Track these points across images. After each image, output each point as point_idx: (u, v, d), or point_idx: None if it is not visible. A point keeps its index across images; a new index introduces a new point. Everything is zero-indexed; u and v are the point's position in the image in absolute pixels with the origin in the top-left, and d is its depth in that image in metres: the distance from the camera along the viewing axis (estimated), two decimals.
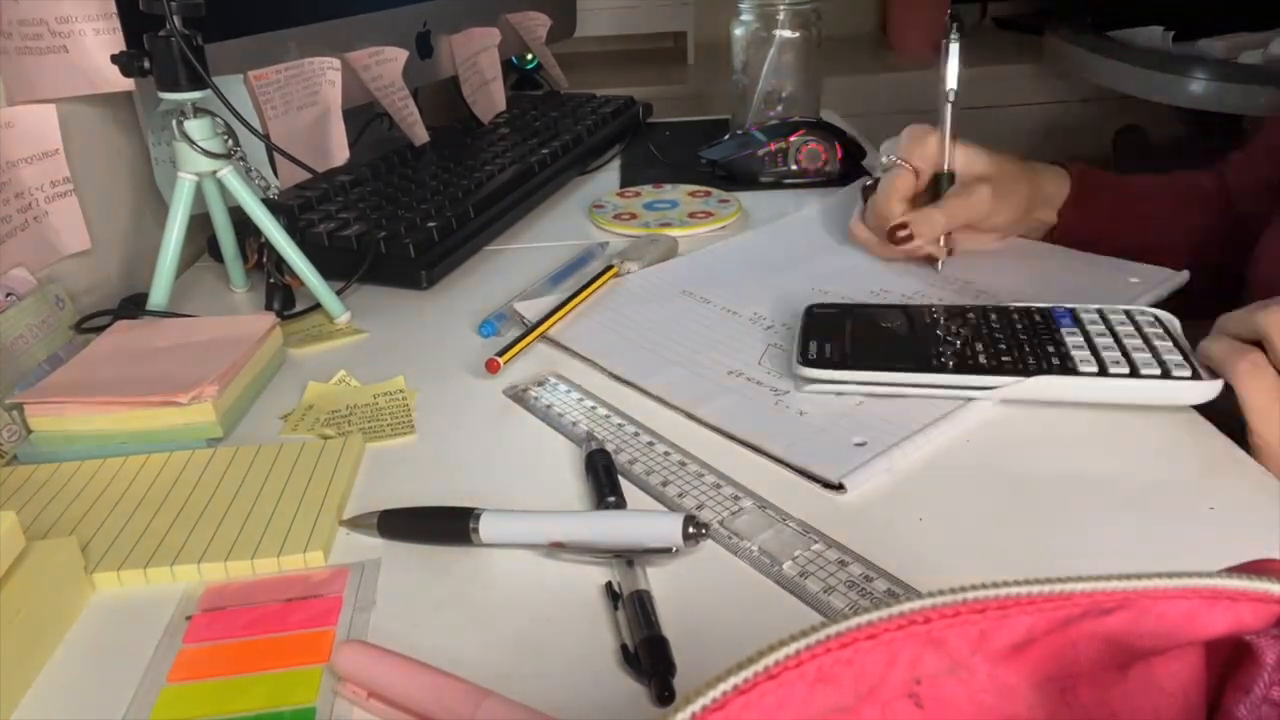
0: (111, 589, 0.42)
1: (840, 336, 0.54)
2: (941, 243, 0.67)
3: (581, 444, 0.49)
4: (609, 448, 0.49)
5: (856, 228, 0.71)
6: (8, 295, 0.59)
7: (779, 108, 1.03)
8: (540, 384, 0.56)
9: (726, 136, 0.96)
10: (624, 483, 0.46)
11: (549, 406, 0.53)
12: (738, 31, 1.03)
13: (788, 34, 1.00)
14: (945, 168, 0.67)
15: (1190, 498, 0.44)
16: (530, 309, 0.63)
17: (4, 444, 0.51)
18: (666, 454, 0.49)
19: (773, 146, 0.91)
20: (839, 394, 0.52)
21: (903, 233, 0.64)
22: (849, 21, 2.03)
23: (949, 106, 0.67)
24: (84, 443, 0.51)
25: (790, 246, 0.74)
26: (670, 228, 0.79)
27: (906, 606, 0.20)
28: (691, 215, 0.82)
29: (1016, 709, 0.22)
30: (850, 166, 0.91)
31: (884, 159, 0.68)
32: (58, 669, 0.38)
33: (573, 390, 0.55)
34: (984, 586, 0.21)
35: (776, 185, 0.91)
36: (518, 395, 0.55)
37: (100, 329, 0.61)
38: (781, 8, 0.99)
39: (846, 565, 0.40)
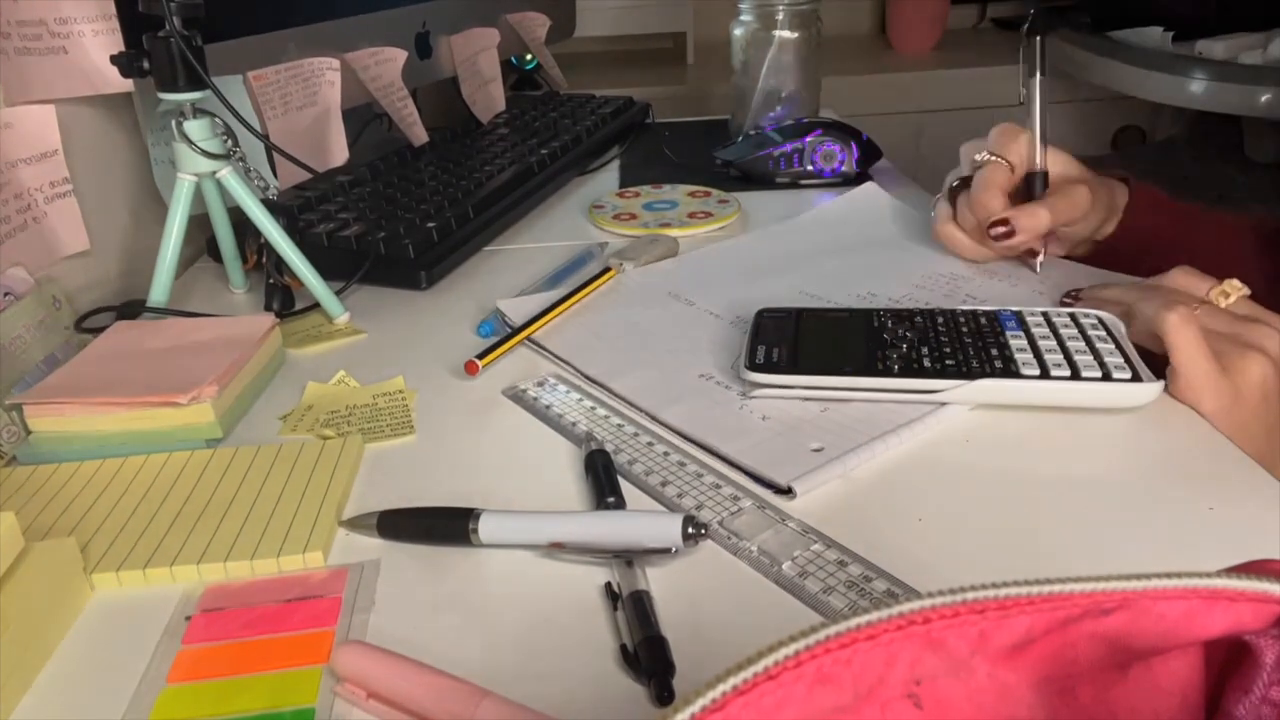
0: (110, 589, 0.42)
1: (788, 341, 0.54)
2: (1041, 244, 0.65)
3: (581, 444, 0.49)
4: (608, 448, 0.49)
5: (947, 228, 0.68)
6: (5, 295, 0.59)
7: (779, 108, 1.03)
8: (540, 384, 0.56)
9: (741, 137, 0.96)
10: (623, 483, 0.46)
11: (548, 407, 0.53)
12: (737, 31, 1.03)
13: (787, 34, 1.00)
14: (1039, 166, 0.65)
15: (1190, 498, 0.44)
16: (514, 307, 0.64)
17: (3, 444, 0.51)
18: (666, 454, 0.48)
19: (788, 147, 0.90)
20: (785, 399, 0.52)
21: (1003, 229, 0.62)
22: (849, 21, 2.03)
23: (1038, 102, 0.66)
24: (83, 443, 0.51)
25: (784, 250, 0.74)
26: (670, 228, 0.79)
27: (906, 607, 0.20)
28: (691, 215, 0.82)
29: (1016, 709, 0.22)
30: (865, 167, 0.91)
31: (976, 157, 0.66)
32: (57, 670, 0.38)
33: (572, 390, 0.55)
34: (983, 587, 0.21)
35: (792, 186, 0.90)
36: (517, 395, 0.55)
37: (101, 329, 0.61)
38: (781, 8, 0.99)
39: (846, 565, 0.40)
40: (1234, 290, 0.54)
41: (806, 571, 0.40)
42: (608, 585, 0.39)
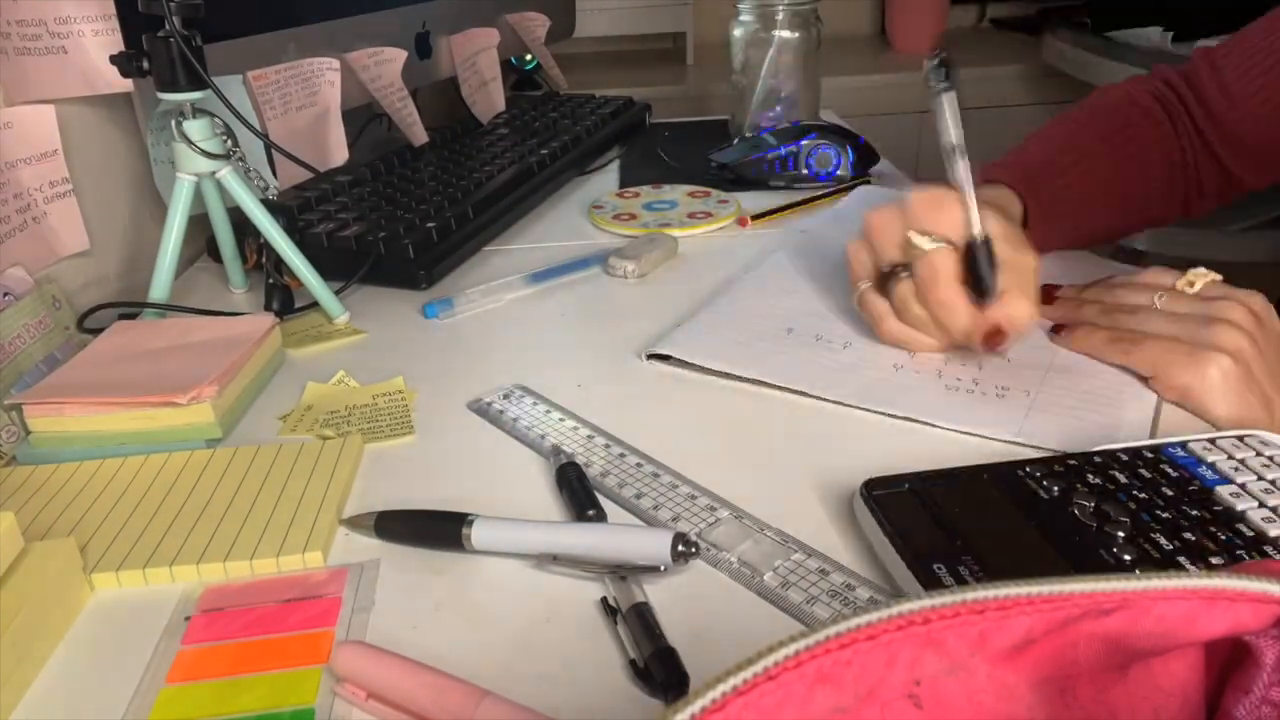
0: (110, 590, 0.42)
1: (956, 545, 0.39)
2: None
3: (549, 458, 0.49)
4: (579, 460, 0.48)
5: (895, 328, 0.57)
6: (5, 295, 0.59)
7: (778, 108, 1.03)
8: (506, 396, 0.55)
9: (736, 140, 0.96)
10: (599, 497, 0.45)
11: (515, 420, 0.52)
12: (737, 32, 1.03)
13: (787, 34, 1.00)
14: (979, 235, 0.53)
15: None
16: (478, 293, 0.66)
17: (2, 445, 0.51)
18: (639, 465, 0.48)
19: (784, 150, 0.90)
20: None
21: (999, 339, 0.53)
22: (849, 21, 2.03)
23: (962, 162, 0.54)
24: (82, 443, 0.51)
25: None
26: (669, 228, 0.79)
27: (905, 607, 0.20)
28: (691, 215, 0.82)
29: (1016, 709, 0.22)
30: (862, 171, 0.90)
31: (914, 239, 0.54)
32: (56, 670, 0.38)
33: (539, 403, 0.54)
34: (983, 587, 0.21)
35: (788, 189, 0.90)
36: (481, 409, 0.54)
37: (101, 328, 0.60)
38: (781, 8, 0.99)
39: (828, 574, 0.40)
40: (1199, 277, 0.54)
41: (789, 582, 0.39)
42: (604, 600, 0.39)
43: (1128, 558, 0.37)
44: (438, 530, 0.43)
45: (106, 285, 0.71)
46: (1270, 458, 0.43)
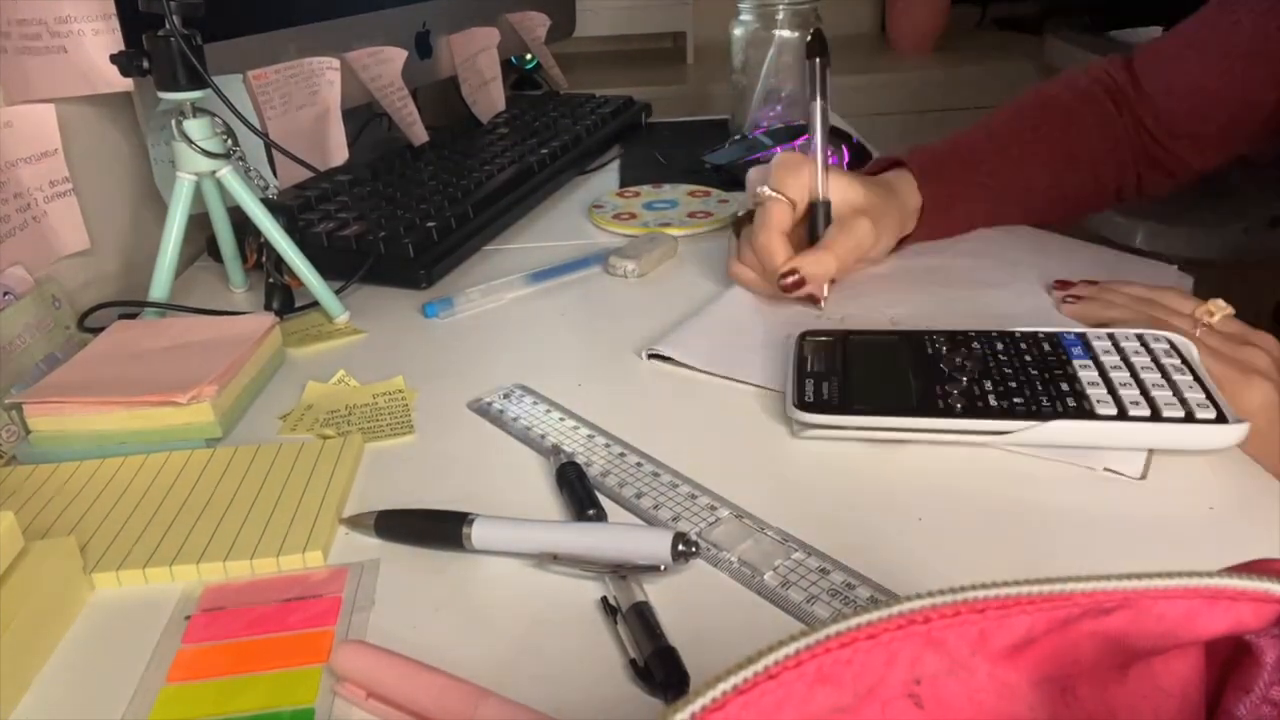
0: (110, 589, 0.41)
1: (836, 373, 0.50)
2: (825, 288, 0.62)
3: (549, 456, 0.49)
4: (579, 460, 0.48)
5: (736, 268, 0.65)
6: (5, 295, 0.59)
7: (778, 108, 1.03)
8: (506, 396, 0.55)
9: (733, 139, 0.96)
10: (599, 496, 0.45)
11: (515, 419, 0.52)
12: (737, 32, 1.03)
13: (787, 34, 1.00)
14: (821, 196, 0.63)
15: (1190, 498, 0.43)
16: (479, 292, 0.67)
17: (3, 444, 0.51)
18: (639, 465, 0.48)
19: (778, 150, 0.90)
20: (838, 439, 0.48)
21: (792, 279, 0.60)
22: (849, 21, 2.03)
23: (819, 128, 0.64)
24: (83, 443, 0.51)
25: None
26: (670, 227, 0.79)
27: (906, 606, 0.20)
28: (691, 215, 0.82)
29: (1016, 709, 0.22)
30: (856, 170, 0.90)
31: (757, 189, 0.63)
32: (56, 669, 0.38)
33: (539, 402, 0.54)
34: (984, 586, 0.21)
35: None
36: (482, 409, 0.54)
37: (102, 327, 0.60)
38: (781, 8, 0.99)
39: (828, 574, 0.40)
40: (1219, 309, 0.54)
41: (789, 581, 0.39)
42: (604, 599, 0.39)
43: (951, 387, 0.47)
44: (438, 530, 0.43)
45: (106, 284, 0.71)
46: (1151, 350, 0.49)
